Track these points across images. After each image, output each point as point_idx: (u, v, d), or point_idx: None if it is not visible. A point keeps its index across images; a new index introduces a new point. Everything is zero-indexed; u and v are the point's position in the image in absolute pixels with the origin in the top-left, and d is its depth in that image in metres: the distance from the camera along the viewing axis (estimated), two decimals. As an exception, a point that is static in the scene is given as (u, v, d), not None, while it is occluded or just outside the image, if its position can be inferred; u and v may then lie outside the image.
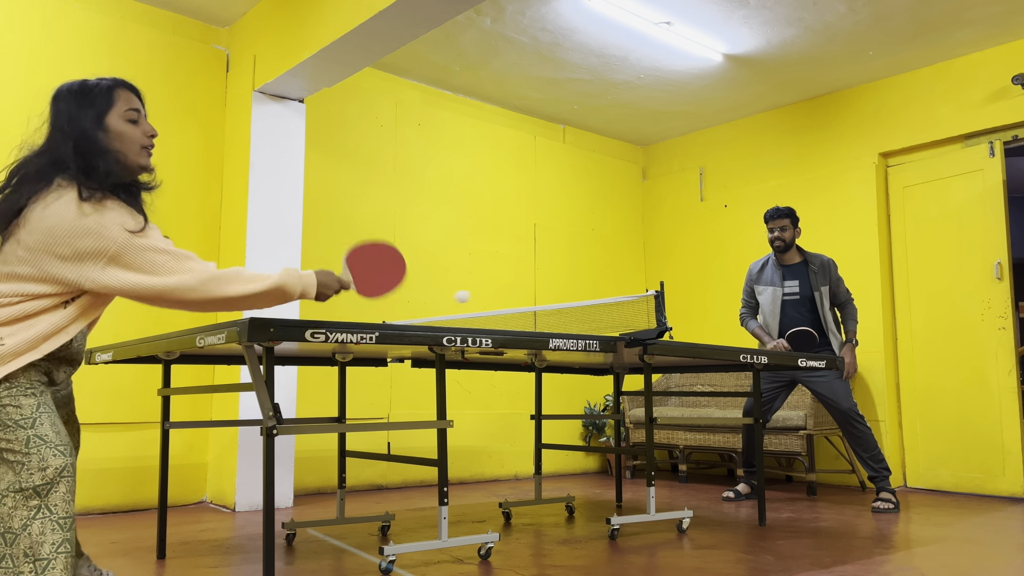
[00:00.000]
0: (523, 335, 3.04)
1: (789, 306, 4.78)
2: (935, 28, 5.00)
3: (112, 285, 1.78)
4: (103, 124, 1.81)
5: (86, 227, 1.74)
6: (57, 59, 4.40)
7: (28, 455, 1.74)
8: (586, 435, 6.62)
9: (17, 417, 1.77)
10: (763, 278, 4.88)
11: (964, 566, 3.01)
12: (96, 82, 1.85)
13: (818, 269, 4.75)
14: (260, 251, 4.62)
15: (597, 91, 6.09)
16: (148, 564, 3.05)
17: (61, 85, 1.88)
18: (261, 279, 1.83)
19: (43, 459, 1.75)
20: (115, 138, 1.82)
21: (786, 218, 4.76)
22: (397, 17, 3.79)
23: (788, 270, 4.82)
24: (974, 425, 5.21)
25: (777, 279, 4.81)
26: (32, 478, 1.73)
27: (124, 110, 1.85)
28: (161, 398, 3.32)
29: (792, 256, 4.83)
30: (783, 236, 4.76)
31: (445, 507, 2.91)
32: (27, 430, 1.76)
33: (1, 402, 1.77)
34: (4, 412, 1.76)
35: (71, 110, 1.81)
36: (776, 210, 4.78)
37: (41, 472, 1.74)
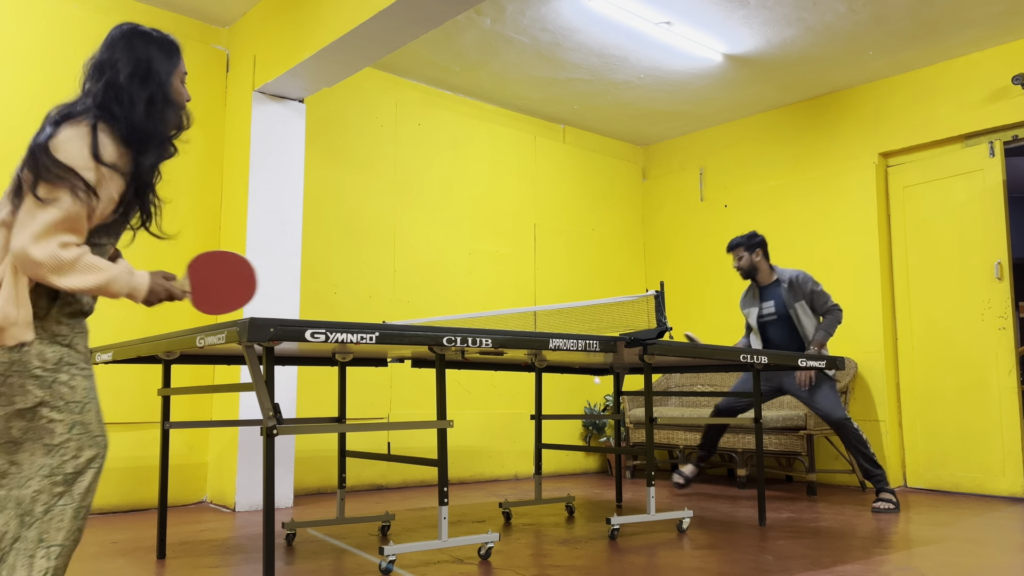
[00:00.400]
0: (523, 335, 3.04)
1: (769, 327, 4.82)
2: (935, 28, 5.00)
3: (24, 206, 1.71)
4: (171, 80, 1.84)
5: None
6: (57, 59, 4.40)
7: (68, 440, 1.73)
8: (586, 435, 6.62)
9: (69, 399, 1.74)
10: (745, 302, 4.94)
11: (964, 566, 3.01)
12: (170, 37, 1.86)
13: (788, 287, 4.74)
14: (260, 251, 4.62)
15: (597, 91, 6.09)
16: (148, 564, 3.05)
17: (130, 25, 1.85)
18: (97, 272, 1.72)
19: (80, 447, 1.74)
20: (176, 94, 1.86)
21: (737, 247, 4.81)
22: (397, 17, 3.80)
23: (764, 291, 4.85)
24: (974, 425, 5.21)
25: (755, 301, 4.88)
26: (65, 465, 1.72)
27: (183, 71, 1.90)
28: (161, 398, 3.32)
29: (766, 277, 4.83)
30: (741, 265, 4.81)
31: (445, 507, 2.91)
32: (75, 415, 1.74)
33: (59, 379, 1.73)
34: (58, 391, 1.73)
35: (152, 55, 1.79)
36: (731, 243, 4.85)
37: (75, 460, 1.73)
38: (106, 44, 1.83)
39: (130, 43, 1.81)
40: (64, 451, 1.73)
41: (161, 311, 4.64)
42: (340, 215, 5.40)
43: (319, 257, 5.27)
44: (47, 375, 1.71)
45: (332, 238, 5.35)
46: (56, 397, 1.72)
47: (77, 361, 1.78)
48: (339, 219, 5.39)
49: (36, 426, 1.72)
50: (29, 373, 1.70)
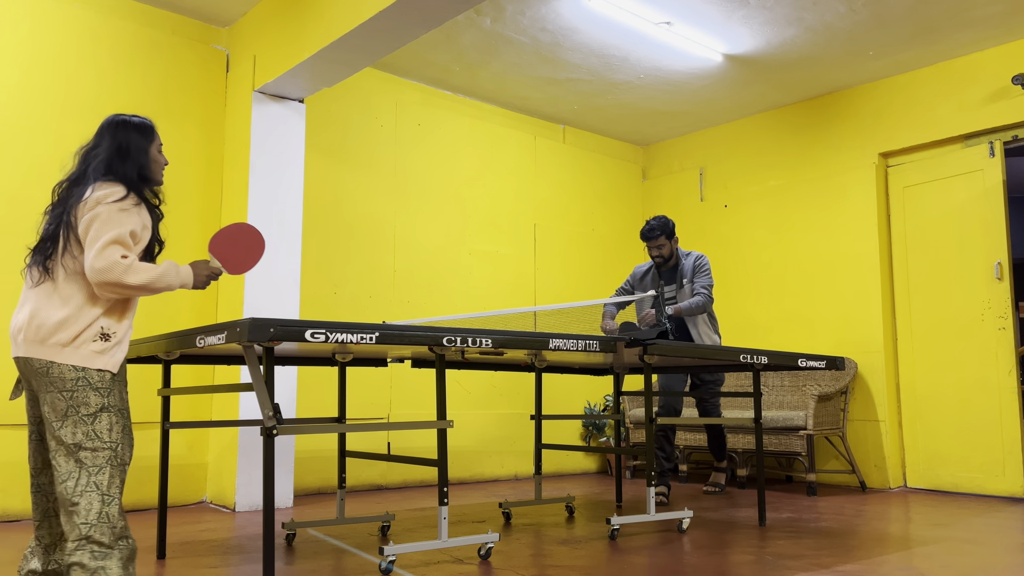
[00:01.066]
0: (523, 335, 3.04)
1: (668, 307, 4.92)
2: (935, 28, 5.00)
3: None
4: (150, 152, 2.35)
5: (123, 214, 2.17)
6: (57, 59, 4.40)
7: (119, 440, 2.11)
8: (586, 435, 6.62)
9: (121, 406, 2.13)
10: (640, 283, 4.98)
11: (964, 566, 3.01)
12: (149, 121, 2.37)
13: (683, 269, 4.85)
14: (260, 251, 4.62)
15: (597, 91, 6.09)
16: (148, 564, 3.05)
17: (121, 117, 2.35)
18: (148, 271, 2.12)
19: (124, 449, 2.14)
20: (153, 161, 2.35)
21: (661, 235, 4.80)
22: (397, 17, 3.80)
23: (666, 274, 4.94)
24: (974, 425, 5.21)
25: (655, 283, 4.92)
26: (122, 457, 2.13)
27: (159, 144, 2.40)
28: (161, 398, 3.32)
29: (673, 260, 4.92)
30: (662, 253, 4.84)
31: (445, 507, 2.91)
32: (124, 420, 2.13)
33: (114, 389, 2.12)
34: (112, 399, 2.11)
35: (134, 138, 2.31)
36: (649, 230, 4.82)
37: (123, 454, 2.14)
38: (96, 133, 2.32)
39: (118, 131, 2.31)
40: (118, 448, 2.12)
41: (161, 311, 4.64)
42: (340, 215, 5.40)
43: (319, 257, 5.27)
44: (104, 387, 2.10)
45: (332, 238, 5.35)
46: (111, 405, 2.11)
47: (119, 376, 2.18)
48: (339, 219, 5.39)
49: (93, 428, 2.08)
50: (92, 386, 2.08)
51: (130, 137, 2.29)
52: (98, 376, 2.09)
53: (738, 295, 6.49)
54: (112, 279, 2.05)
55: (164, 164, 2.40)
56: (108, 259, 2.05)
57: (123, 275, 2.06)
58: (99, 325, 2.12)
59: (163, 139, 4.75)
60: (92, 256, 2.05)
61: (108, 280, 2.05)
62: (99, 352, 2.10)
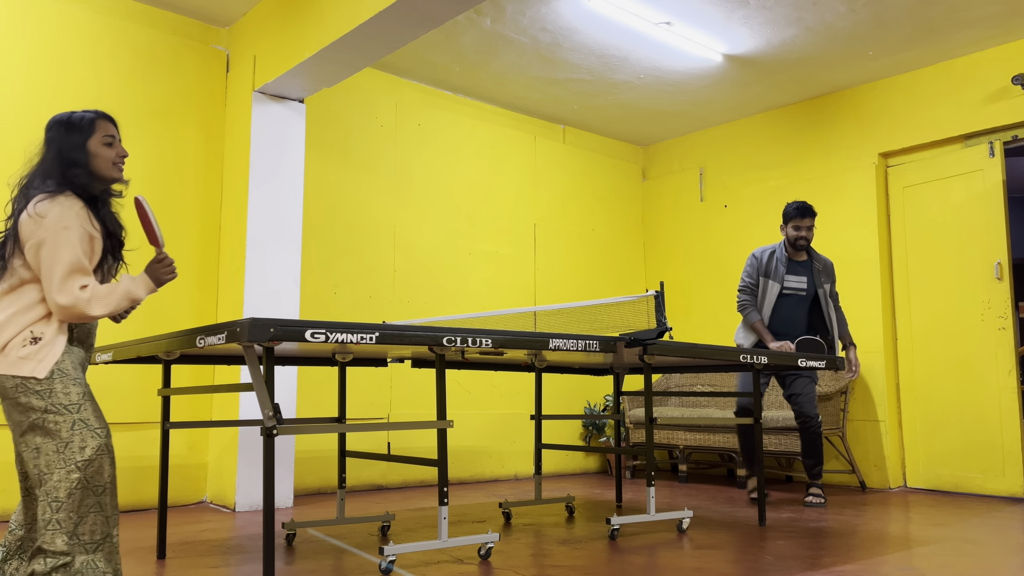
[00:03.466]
0: (523, 335, 3.04)
1: (789, 302, 4.73)
2: (935, 28, 5.00)
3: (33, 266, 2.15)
4: (88, 148, 2.25)
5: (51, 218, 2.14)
6: (57, 59, 4.40)
7: (72, 436, 2.08)
8: (586, 435, 6.62)
9: (67, 403, 2.09)
10: (767, 270, 4.75)
11: (964, 566, 3.01)
12: (81, 114, 2.28)
13: (822, 268, 4.78)
14: (260, 251, 4.62)
15: (597, 91, 6.09)
16: (148, 564, 3.05)
17: (56, 117, 2.28)
18: (108, 298, 2.13)
19: (84, 440, 2.08)
20: (95, 156, 2.26)
21: (814, 217, 4.74)
22: (397, 17, 3.80)
23: (793, 265, 4.76)
24: (974, 425, 5.21)
25: (780, 274, 4.72)
26: (75, 456, 2.07)
27: (105, 136, 2.29)
28: (161, 398, 3.32)
29: (802, 253, 4.80)
30: (810, 235, 4.73)
31: (445, 507, 2.91)
32: (73, 415, 2.09)
33: (54, 389, 2.09)
34: (55, 398, 2.08)
35: (66, 138, 2.23)
36: (807, 208, 4.70)
37: (81, 450, 2.08)
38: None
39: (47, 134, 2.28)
40: (71, 446, 2.08)
41: (161, 311, 4.64)
42: (340, 215, 5.40)
43: (319, 257, 5.27)
44: (44, 389, 2.08)
45: (332, 238, 5.35)
46: (54, 408, 2.08)
47: (67, 373, 2.14)
48: (339, 219, 5.39)
49: (45, 429, 2.09)
50: (32, 391, 2.08)
51: (62, 138, 2.23)
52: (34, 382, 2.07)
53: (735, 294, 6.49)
54: (76, 314, 2.09)
55: (118, 157, 2.30)
56: (70, 295, 2.07)
57: (87, 308, 2.09)
58: (29, 330, 2.11)
59: (163, 139, 4.75)
60: (53, 291, 2.08)
61: (73, 315, 2.10)
62: (23, 358, 2.08)
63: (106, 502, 2.11)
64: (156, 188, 4.69)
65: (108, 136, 2.29)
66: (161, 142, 4.74)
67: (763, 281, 4.76)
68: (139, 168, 4.63)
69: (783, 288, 4.72)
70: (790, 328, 4.74)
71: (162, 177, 4.73)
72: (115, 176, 2.31)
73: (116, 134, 2.33)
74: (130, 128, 4.62)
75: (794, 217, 4.71)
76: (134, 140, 4.63)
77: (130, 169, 4.60)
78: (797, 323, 4.75)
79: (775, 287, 4.72)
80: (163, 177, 4.73)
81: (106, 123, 2.31)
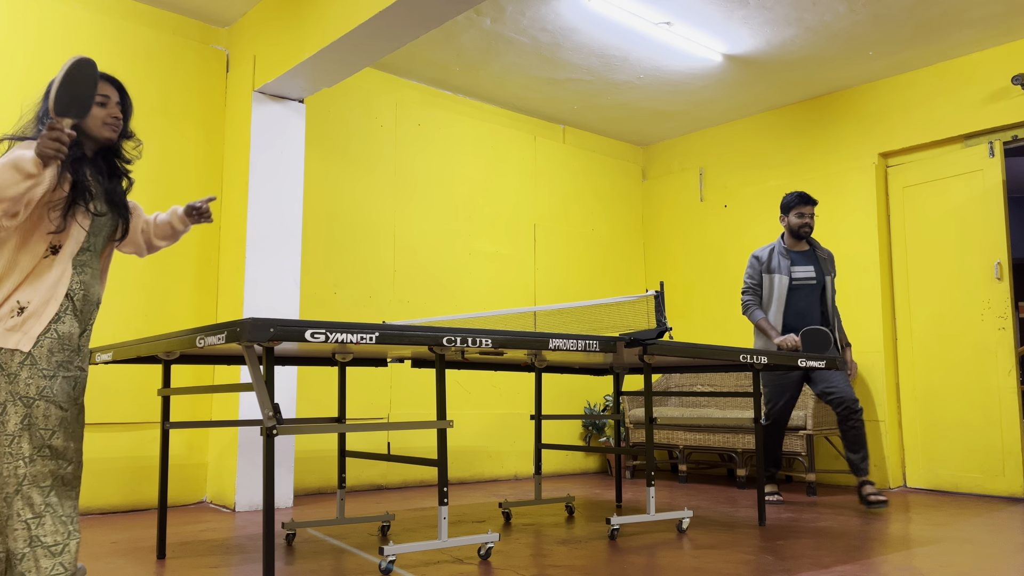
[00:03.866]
0: (523, 335, 3.04)
1: (801, 292, 4.66)
2: (935, 28, 5.00)
3: None
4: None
5: None
6: (57, 59, 4.40)
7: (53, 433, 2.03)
8: (586, 435, 6.62)
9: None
10: (774, 264, 4.72)
11: (964, 566, 3.01)
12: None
13: (826, 257, 4.76)
14: (260, 251, 4.62)
15: (597, 91, 6.09)
16: (148, 564, 3.05)
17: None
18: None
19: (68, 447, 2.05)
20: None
21: (816, 204, 4.75)
22: (397, 17, 3.80)
23: (797, 256, 4.74)
24: (974, 425, 5.21)
25: (784, 266, 4.68)
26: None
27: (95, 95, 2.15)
28: (161, 398, 3.32)
29: (803, 243, 4.78)
30: (812, 224, 4.72)
31: (445, 507, 2.91)
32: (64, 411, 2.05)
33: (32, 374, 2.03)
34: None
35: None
36: (809, 196, 4.71)
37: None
38: None
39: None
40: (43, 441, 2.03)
41: (161, 311, 4.64)
42: (340, 215, 5.40)
43: (319, 257, 5.27)
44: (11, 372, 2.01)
45: (332, 238, 5.35)
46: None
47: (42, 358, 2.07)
48: (339, 219, 5.39)
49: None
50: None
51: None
52: (8, 356, 1.99)
53: (738, 295, 6.49)
54: None
55: (109, 117, 2.22)
56: None
57: None
58: (15, 299, 2.02)
59: (163, 139, 4.75)
60: None
61: None
62: (9, 329, 2.00)
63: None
64: (156, 188, 4.69)
65: (102, 96, 2.23)
66: (161, 142, 4.74)
67: (768, 279, 4.70)
68: (140, 168, 4.63)
69: (792, 280, 4.66)
70: (805, 321, 4.67)
71: (162, 177, 4.73)
72: (105, 135, 2.24)
73: (113, 95, 2.26)
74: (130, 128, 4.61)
75: (797, 204, 4.70)
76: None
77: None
78: (811, 315, 4.68)
79: (783, 280, 4.65)
80: (163, 177, 4.73)
81: (102, 82, 2.24)
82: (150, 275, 4.62)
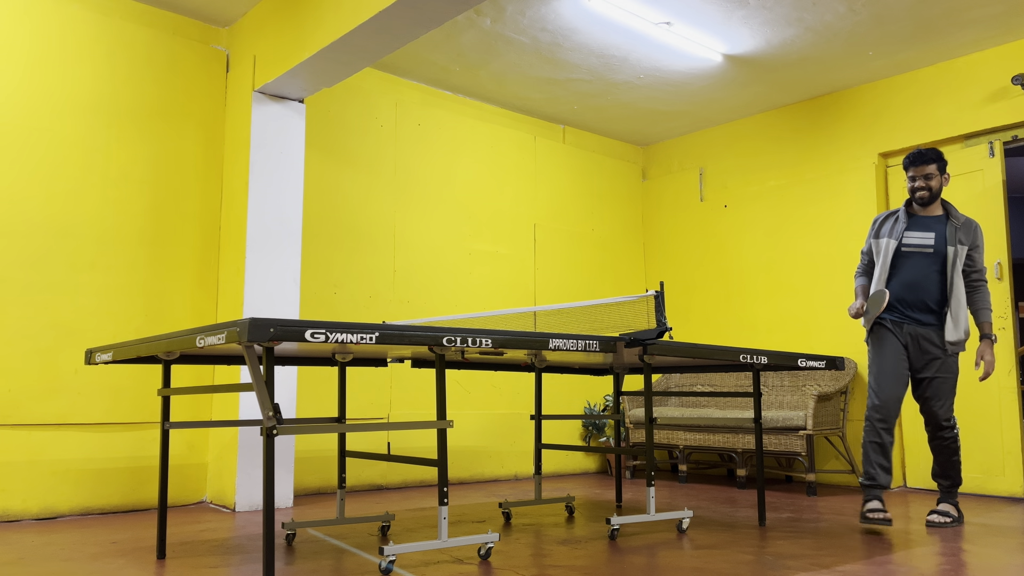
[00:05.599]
0: (523, 335, 3.04)
1: (912, 261, 3.95)
2: (935, 28, 5.00)
3: None
4: None
5: None
6: (57, 59, 4.40)
7: None
8: (586, 435, 6.62)
9: None
10: (883, 230, 4.08)
11: (964, 566, 3.01)
12: None
13: (960, 225, 3.96)
14: (260, 251, 4.62)
15: (597, 91, 6.09)
16: (148, 564, 3.05)
17: None
18: None
19: None
20: None
21: (933, 163, 3.95)
22: (397, 17, 3.80)
23: (919, 221, 4.00)
24: (974, 425, 5.21)
25: (898, 231, 4.01)
26: None
27: None
28: (161, 398, 3.32)
29: (934, 208, 4.02)
30: (930, 184, 3.96)
31: (445, 507, 2.91)
32: None
33: None
34: None
35: None
36: (919, 154, 3.96)
37: None
38: None
39: None
40: None
41: (161, 311, 4.64)
42: (340, 215, 5.40)
43: (319, 257, 5.27)
44: None
45: (332, 238, 5.35)
46: None
47: None
48: (339, 219, 5.39)
49: None
50: None
51: None
52: None
53: (738, 295, 6.50)
54: None
55: None
56: None
57: None
58: None
59: (163, 139, 4.75)
60: None
61: None
62: None
63: None
64: (156, 188, 4.70)
65: None
66: (161, 142, 4.74)
67: (876, 243, 4.09)
68: (139, 168, 4.64)
69: (902, 245, 3.97)
70: (914, 293, 3.94)
71: (162, 177, 4.73)
72: None
73: None
74: (130, 128, 4.62)
75: (907, 167, 4.02)
76: (134, 140, 4.63)
77: (130, 169, 4.61)
78: (925, 286, 3.92)
79: (891, 244, 3.99)
80: (163, 177, 4.73)
81: None
82: (150, 275, 4.63)
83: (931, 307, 3.94)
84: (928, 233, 3.97)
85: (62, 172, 4.36)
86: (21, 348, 4.18)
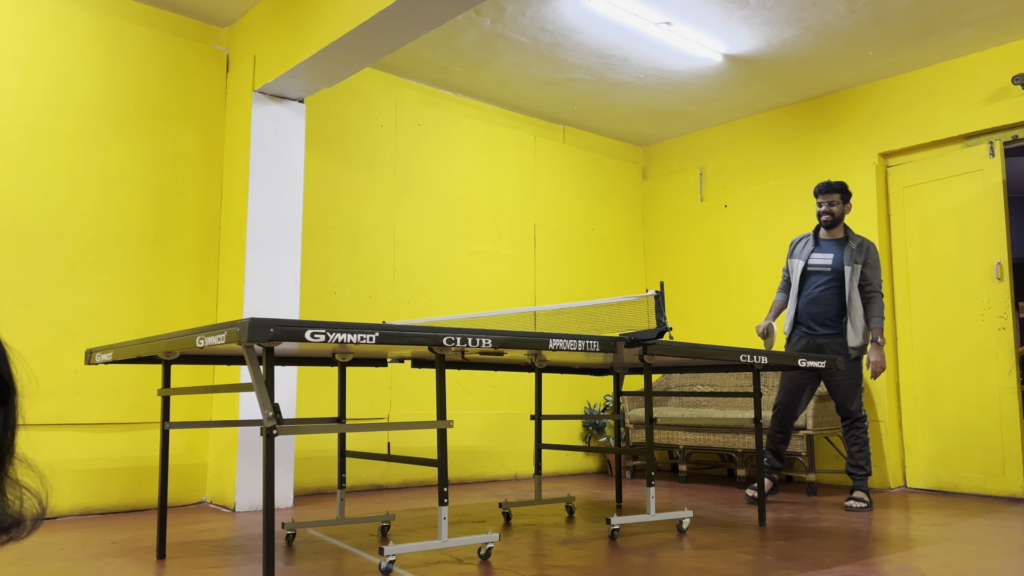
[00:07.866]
0: (523, 335, 3.04)
1: (815, 280, 4.68)
2: (935, 28, 5.00)
3: None
4: None
5: None
6: (57, 59, 4.40)
7: None
8: (586, 435, 6.62)
9: None
10: (795, 251, 4.83)
11: (964, 566, 3.01)
12: None
13: (855, 247, 4.65)
14: (260, 251, 4.62)
15: (597, 91, 6.09)
16: (148, 564, 3.05)
17: None
18: None
19: None
20: None
21: (837, 193, 4.68)
22: (397, 17, 3.80)
23: (824, 244, 4.75)
24: (974, 425, 5.21)
25: (806, 252, 4.75)
26: None
27: None
28: (161, 398, 3.32)
29: (836, 232, 4.74)
30: (832, 210, 4.68)
31: (445, 507, 2.91)
32: None
33: None
34: None
35: None
36: (827, 185, 4.69)
37: None
38: None
39: None
40: None
41: (161, 311, 4.64)
42: (340, 215, 5.40)
43: (319, 257, 5.27)
44: None
45: (332, 238, 5.35)
46: None
47: None
48: (339, 219, 5.39)
49: None
50: None
51: None
52: None
53: (738, 295, 6.50)
54: None
55: None
56: None
57: None
58: None
59: (163, 139, 4.75)
60: None
61: None
62: None
63: None
64: (156, 188, 4.69)
65: None
66: (161, 142, 4.74)
67: (790, 263, 4.84)
68: (139, 168, 4.64)
69: (807, 265, 4.71)
70: (817, 309, 4.67)
71: (162, 177, 4.73)
72: None
73: None
74: (130, 128, 4.62)
75: (817, 195, 4.76)
76: (134, 140, 4.63)
77: (131, 169, 4.60)
78: (827, 304, 4.65)
79: (799, 264, 4.74)
80: (163, 177, 4.73)
81: None
82: (150, 275, 4.62)
83: (832, 319, 4.64)
84: (828, 255, 4.68)
85: (62, 172, 4.36)
86: (21, 348, 4.17)
